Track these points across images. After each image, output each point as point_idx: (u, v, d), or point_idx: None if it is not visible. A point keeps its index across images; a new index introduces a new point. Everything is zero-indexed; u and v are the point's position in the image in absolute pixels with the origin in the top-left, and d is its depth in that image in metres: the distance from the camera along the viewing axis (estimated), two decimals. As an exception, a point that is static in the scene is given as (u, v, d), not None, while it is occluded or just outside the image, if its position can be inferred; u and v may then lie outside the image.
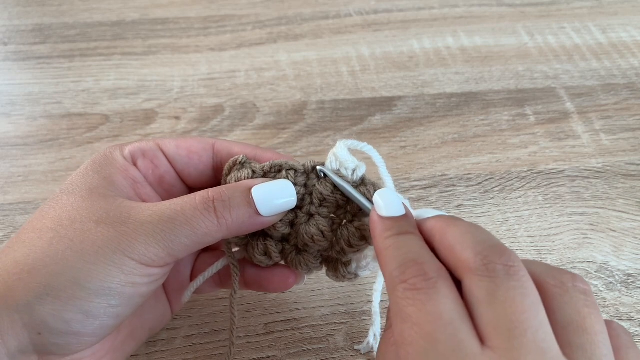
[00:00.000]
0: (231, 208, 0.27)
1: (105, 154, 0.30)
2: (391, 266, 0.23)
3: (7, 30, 0.59)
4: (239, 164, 0.30)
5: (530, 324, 0.20)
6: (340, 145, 0.29)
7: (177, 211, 0.26)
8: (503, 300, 0.21)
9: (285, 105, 0.51)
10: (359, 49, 0.58)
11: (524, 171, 0.46)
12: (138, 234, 0.25)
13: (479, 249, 0.22)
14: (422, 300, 0.21)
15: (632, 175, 0.46)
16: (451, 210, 0.43)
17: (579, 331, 0.21)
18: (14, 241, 0.26)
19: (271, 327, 0.36)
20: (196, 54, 0.57)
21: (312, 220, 0.29)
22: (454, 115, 0.51)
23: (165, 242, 0.26)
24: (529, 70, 0.56)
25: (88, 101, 0.51)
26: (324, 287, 0.38)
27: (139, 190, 0.29)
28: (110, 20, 0.60)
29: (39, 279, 0.24)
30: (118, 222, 0.26)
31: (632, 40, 0.60)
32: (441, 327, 0.20)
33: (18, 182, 0.44)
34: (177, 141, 0.31)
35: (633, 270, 0.39)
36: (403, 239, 0.25)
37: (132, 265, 0.25)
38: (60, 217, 0.26)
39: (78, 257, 0.25)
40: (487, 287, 0.21)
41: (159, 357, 0.34)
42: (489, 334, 0.20)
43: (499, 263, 0.22)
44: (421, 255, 0.23)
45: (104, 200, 0.27)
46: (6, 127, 0.49)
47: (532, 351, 0.20)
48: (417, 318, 0.21)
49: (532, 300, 0.21)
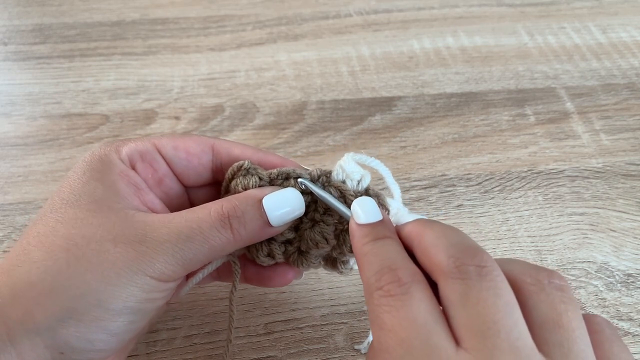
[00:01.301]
0: (245, 223, 0.27)
1: (100, 157, 0.28)
2: (368, 273, 0.24)
3: (7, 30, 0.59)
4: (244, 170, 0.29)
5: (503, 324, 0.20)
6: (347, 158, 0.30)
7: (194, 229, 0.26)
8: (475, 302, 0.21)
9: (285, 105, 0.51)
10: (359, 49, 0.58)
11: (524, 171, 0.46)
12: (157, 254, 0.25)
13: (452, 251, 0.23)
14: (396, 307, 0.22)
15: (632, 175, 0.46)
16: (451, 210, 0.43)
17: (555, 328, 0.21)
18: (21, 258, 0.25)
19: (271, 327, 0.36)
20: (196, 54, 0.57)
21: (317, 227, 0.30)
22: (454, 115, 0.51)
23: (183, 260, 0.26)
24: (529, 70, 0.56)
25: (88, 101, 0.51)
26: (324, 287, 0.38)
27: (142, 197, 0.29)
28: (110, 20, 0.61)
29: (60, 302, 0.24)
30: (136, 241, 0.25)
31: (632, 40, 0.60)
32: (414, 331, 0.21)
33: (18, 182, 0.44)
34: (174, 141, 0.30)
35: (633, 270, 0.39)
36: (380, 244, 0.25)
37: (152, 284, 0.26)
38: (72, 235, 0.25)
39: (99, 280, 0.24)
40: (460, 289, 0.21)
41: (159, 357, 0.34)
42: (463, 335, 0.21)
43: (470, 264, 0.22)
44: (396, 261, 0.23)
45: (115, 214, 0.26)
46: (6, 127, 0.49)
47: (506, 350, 0.20)
48: (391, 324, 0.21)
49: (506, 300, 0.21)
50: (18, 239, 0.27)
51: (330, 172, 0.30)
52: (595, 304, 0.37)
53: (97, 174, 0.28)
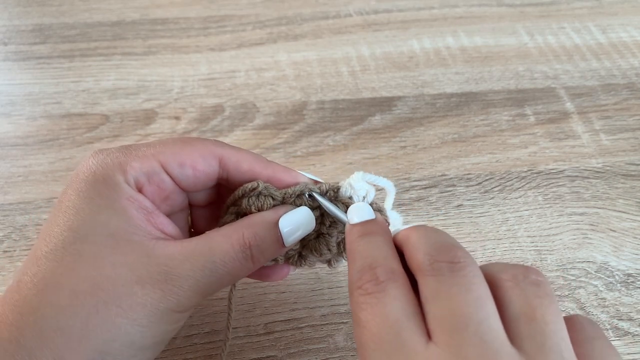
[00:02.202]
0: (264, 250, 0.28)
1: (105, 179, 0.27)
2: (351, 272, 0.25)
3: (7, 30, 0.59)
4: (257, 192, 0.29)
5: (472, 318, 0.21)
6: (356, 177, 0.30)
7: (217, 263, 0.26)
8: (446, 297, 0.22)
9: (285, 105, 0.51)
10: (359, 49, 0.58)
11: (524, 171, 0.46)
12: (183, 291, 0.26)
13: (429, 250, 0.23)
14: (371, 304, 0.22)
15: (632, 175, 0.46)
16: (451, 210, 0.43)
17: (528, 321, 0.21)
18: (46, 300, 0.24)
19: (271, 327, 0.36)
20: (196, 54, 0.57)
21: (322, 239, 0.31)
22: (454, 115, 0.51)
23: (205, 292, 0.27)
24: (529, 70, 0.56)
25: (88, 101, 0.51)
26: (324, 287, 0.38)
27: (153, 221, 0.28)
28: (110, 20, 0.61)
29: (92, 347, 0.24)
30: (161, 280, 0.25)
31: (632, 40, 0.60)
32: (386, 327, 0.22)
33: (18, 182, 0.44)
34: (180, 157, 0.29)
35: (633, 270, 0.39)
36: (367, 240, 0.26)
37: (176, 316, 0.26)
38: (95, 278, 0.24)
39: (130, 323, 0.24)
40: (433, 285, 0.22)
41: (159, 357, 0.34)
42: (435, 329, 0.21)
43: (443, 261, 0.23)
44: (377, 259, 0.24)
45: (134, 251, 0.26)
46: (6, 127, 0.49)
47: (474, 344, 0.20)
48: (366, 321, 0.22)
49: (477, 294, 0.22)
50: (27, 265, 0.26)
51: (339, 187, 0.30)
52: (595, 304, 0.37)
53: (106, 201, 0.26)
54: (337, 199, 0.30)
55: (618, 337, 0.36)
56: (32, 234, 0.40)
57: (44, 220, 0.41)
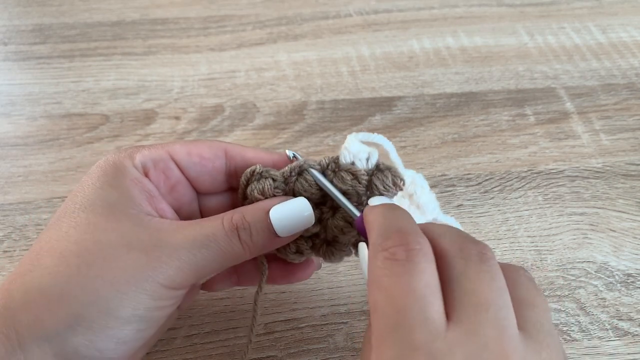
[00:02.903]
0: (252, 235, 0.27)
1: (114, 163, 0.28)
2: (375, 234, 0.24)
3: (7, 30, 0.59)
4: (257, 174, 0.29)
5: (494, 303, 0.22)
6: (350, 139, 0.29)
7: (208, 237, 0.26)
8: (474, 280, 0.22)
9: (285, 105, 0.51)
10: (359, 49, 0.58)
11: (524, 171, 0.46)
12: (171, 260, 0.25)
13: (457, 239, 0.24)
14: (398, 273, 0.22)
15: (632, 175, 0.46)
16: (451, 210, 0.43)
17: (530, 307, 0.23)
18: (34, 264, 0.25)
19: (271, 327, 0.36)
20: (196, 54, 0.57)
21: (338, 214, 0.30)
22: (454, 115, 0.51)
23: (196, 267, 0.26)
24: (528, 70, 0.56)
25: (88, 101, 0.51)
26: (324, 287, 0.38)
27: (155, 205, 0.28)
28: (110, 20, 0.61)
29: (69, 309, 0.24)
30: (149, 247, 0.25)
31: (632, 40, 0.60)
32: (412, 301, 0.21)
33: (18, 182, 0.44)
34: (187, 147, 0.30)
35: (633, 270, 0.39)
36: (391, 209, 0.25)
37: (162, 291, 0.25)
38: (85, 241, 0.25)
39: (109, 287, 0.24)
40: (461, 267, 0.23)
41: (159, 357, 0.34)
42: (456, 308, 0.22)
43: (473, 249, 0.23)
44: (406, 226, 0.24)
45: (129, 220, 0.26)
46: (6, 127, 0.49)
47: (493, 326, 0.21)
48: (391, 290, 0.22)
49: (500, 284, 0.22)
50: (33, 244, 0.27)
51: (338, 157, 0.29)
52: (595, 304, 0.37)
53: (111, 179, 0.27)
54: (340, 169, 0.29)
55: (618, 337, 0.36)
56: (32, 234, 0.40)
57: (44, 220, 0.41)
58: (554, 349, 0.22)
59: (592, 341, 0.36)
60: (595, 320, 0.37)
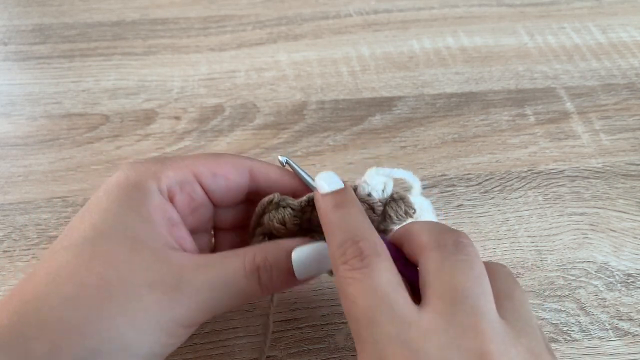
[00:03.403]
0: (272, 277, 0.27)
1: (137, 185, 0.27)
2: (333, 245, 0.25)
3: (7, 30, 0.59)
4: (274, 204, 0.29)
5: (472, 291, 0.22)
6: (370, 174, 0.31)
7: (229, 280, 0.26)
8: (450, 271, 0.23)
9: (285, 105, 0.51)
10: (359, 49, 0.58)
11: (524, 171, 0.46)
12: (191, 302, 0.25)
13: (433, 232, 0.25)
14: (358, 279, 0.23)
15: (632, 175, 0.46)
16: (451, 210, 0.43)
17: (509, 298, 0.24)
18: (52, 289, 0.24)
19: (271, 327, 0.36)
20: (196, 54, 0.57)
21: None
22: (454, 115, 0.51)
23: (214, 308, 0.26)
24: (529, 70, 0.56)
25: (88, 101, 0.51)
26: (324, 287, 0.38)
27: (174, 233, 0.28)
28: (110, 20, 0.61)
29: (89, 343, 0.23)
30: (170, 288, 0.25)
31: (632, 40, 0.60)
32: (376, 300, 0.23)
33: (18, 182, 0.44)
34: (213, 167, 0.29)
35: (633, 270, 0.39)
36: (343, 213, 0.26)
37: (179, 330, 0.26)
38: (107, 275, 0.24)
39: (130, 325, 0.24)
40: (437, 259, 0.24)
41: (159, 357, 0.34)
42: (432, 299, 0.23)
43: (449, 239, 0.24)
44: (359, 232, 0.25)
45: (151, 254, 0.26)
46: (6, 127, 0.49)
47: (469, 313, 0.22)
48: (355, 296, 0.23)
49: (478, 272, 0.23)
50: (45, 257, 0.26)
51: (356, 187, 0.30)
52: (595, 304, 0.37)
53: (133, 203, 0.26)
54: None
55: (618, 337, 0.36)
56: (32, 234, 0.40)
57: (44, 220, 0.41)
58: (533, 336, 0.23)
59: (592, 341, 0.36)
60: (595, 320, 0.37)
